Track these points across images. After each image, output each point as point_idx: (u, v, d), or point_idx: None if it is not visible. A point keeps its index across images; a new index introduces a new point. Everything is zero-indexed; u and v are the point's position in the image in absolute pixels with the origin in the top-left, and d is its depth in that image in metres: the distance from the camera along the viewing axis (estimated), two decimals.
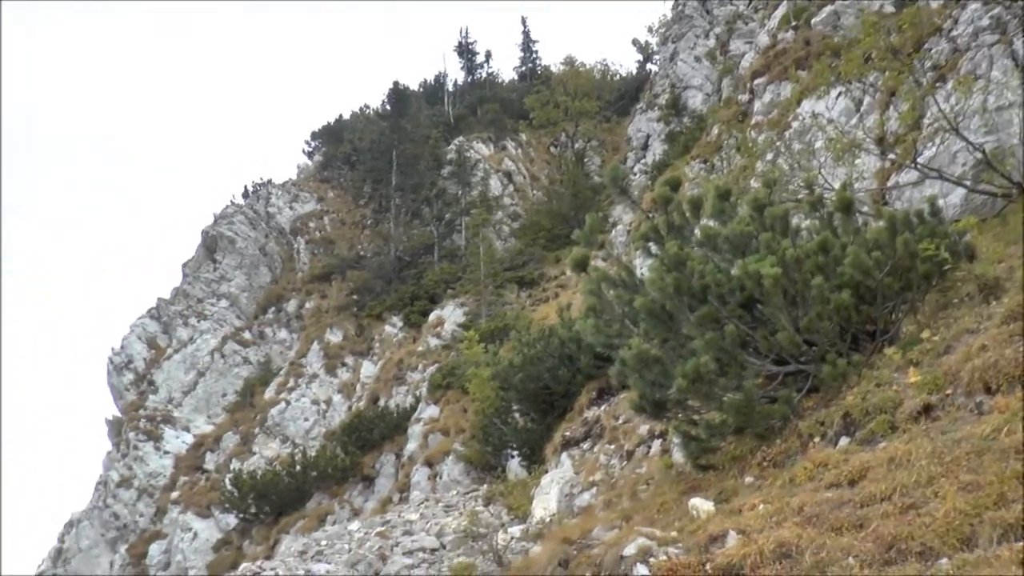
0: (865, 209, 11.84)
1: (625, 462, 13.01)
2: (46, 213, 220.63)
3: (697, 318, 8.24)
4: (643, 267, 10.31)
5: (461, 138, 55.12)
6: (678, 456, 10.21)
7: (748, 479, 7.89)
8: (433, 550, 14.71)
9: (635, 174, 42.85)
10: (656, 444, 12.03)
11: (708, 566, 5.84)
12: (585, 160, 53.40)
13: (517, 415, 20.23)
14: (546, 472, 16.32)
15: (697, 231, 9.36)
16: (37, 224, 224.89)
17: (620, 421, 14.49)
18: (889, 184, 13.86)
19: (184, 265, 53.74)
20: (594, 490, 13.41)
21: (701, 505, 7.55)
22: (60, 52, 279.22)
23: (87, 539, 39.32)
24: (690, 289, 8.33)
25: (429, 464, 25.53)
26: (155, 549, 35.07)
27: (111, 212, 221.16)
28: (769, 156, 16.59)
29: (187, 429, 42.27)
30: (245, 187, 59.16)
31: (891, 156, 14.01)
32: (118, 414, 45.15)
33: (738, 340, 8.23)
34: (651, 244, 9.57)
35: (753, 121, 23.43)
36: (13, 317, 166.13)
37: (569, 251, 37.71)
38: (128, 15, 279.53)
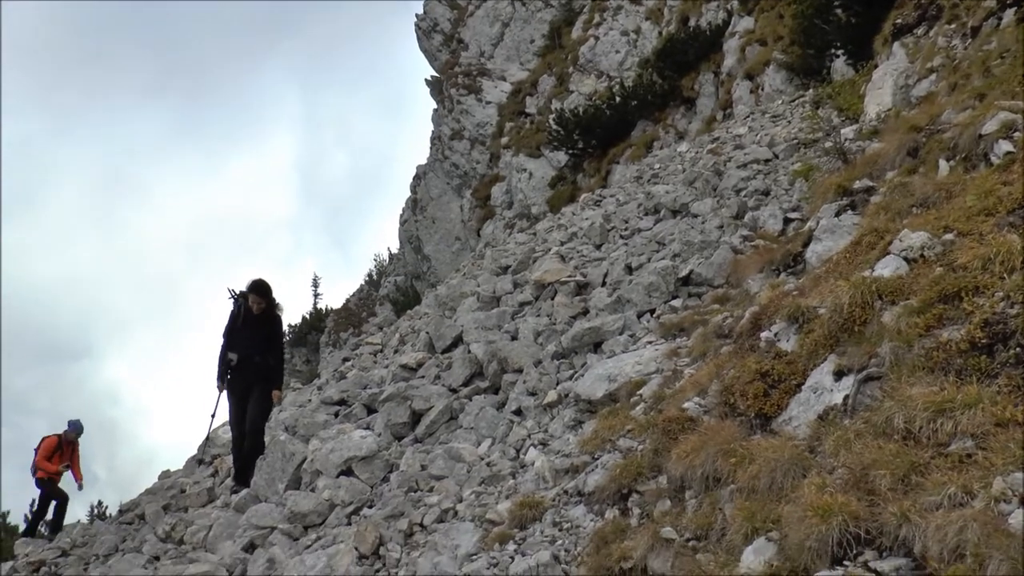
0: None
1: (969, 41, 11.95)
2: None
3: None
4: None
5: None
6: None
7: None
8: (766, 160, 14.71)
9: None
10: (1009, 14, 10.86)
11: None
12: None
13: (839, 10, 18.97)
14: (876, 67, 15.44)
15: None
16: None
17: None
18: None
19: None
20: (933, 77, 12.57)
21: None
22: None
23: (435, 188, 43.16)
24: None
25: (749, 77, 24.86)
26: (497, 191, 37.77)
27: None
28: None
29: (503, 78, 43.73)
30: None
31: None
32: (436, 74, 47.51)
33: None
34: None
35: None
36: None
37: None
38: None
